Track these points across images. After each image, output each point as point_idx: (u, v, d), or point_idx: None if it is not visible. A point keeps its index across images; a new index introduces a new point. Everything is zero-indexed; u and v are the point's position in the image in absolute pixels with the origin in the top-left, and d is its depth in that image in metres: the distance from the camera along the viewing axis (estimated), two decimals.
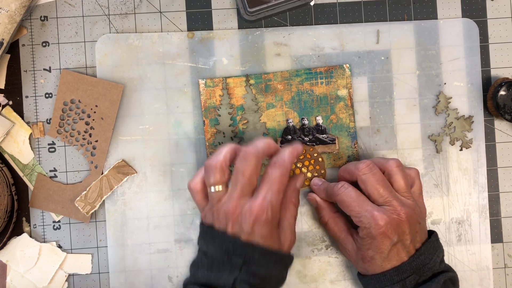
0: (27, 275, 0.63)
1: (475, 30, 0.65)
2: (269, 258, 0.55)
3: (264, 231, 0.54)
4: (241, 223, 0.54)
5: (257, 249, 0.54)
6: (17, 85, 0.64)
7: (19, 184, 0.64)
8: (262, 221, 0.54)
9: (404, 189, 0.59)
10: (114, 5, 0.64)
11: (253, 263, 0.54)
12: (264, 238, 0.54)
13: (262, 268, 0.54)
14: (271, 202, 0.54)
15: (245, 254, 0.54)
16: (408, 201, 0.58)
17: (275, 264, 0.55)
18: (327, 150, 0.64)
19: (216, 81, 0.64)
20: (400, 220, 0.56)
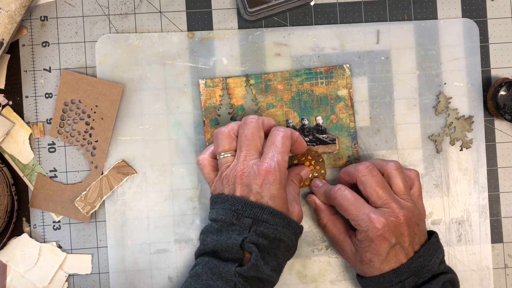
0: (27, 275, 0.63)
1: (475, 30, 0.65)
2: (278, 219, 0.55)
3: (273, 191, 0.55)
4: (249, 184, 0.55)
5: (266, 209, 0.55)
6: (17, 85, 0.64)
7: (19, 184, 0.64)
8: (270, 181, 0.55)
9: (403, 191, 0.59)
10: (114, 5, 0.64)
11: (262, 223, 0.54)
12: (273, 199, 0.55)
13: (271, 229, 0.54)
14: (278, 162, 0.55)
15: (254, 214, 0.54)
16: (407, 204, 0.58)
17: (284, 227, 0.55)
18: (327, 150, 0.64)
19: (216, 81, 0.64)
20: (399, 222, 0.56)
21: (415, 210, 0.58)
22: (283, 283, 0.64)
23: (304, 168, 0.63)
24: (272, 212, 0.55)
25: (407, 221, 0.57)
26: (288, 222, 0.56)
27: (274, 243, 0.55)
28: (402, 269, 0.57)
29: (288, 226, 0.56)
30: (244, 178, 0.56)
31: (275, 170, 0.55)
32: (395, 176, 0.59)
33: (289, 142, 0.57)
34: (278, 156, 0.56)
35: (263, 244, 0.55)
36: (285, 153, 0.56)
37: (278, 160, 0.56)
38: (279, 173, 0.55)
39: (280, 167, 0.56)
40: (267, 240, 0.55)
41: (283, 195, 0.56)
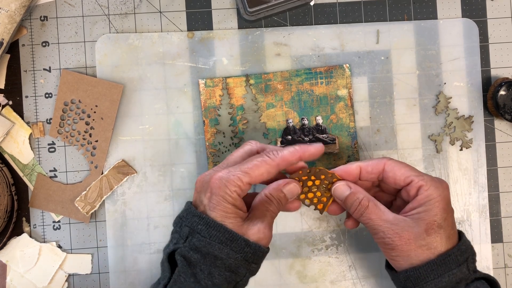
0: (27, 275, 0.63)
1: (475, 30, 0.65)
2: (216, 232, 0.50)
3: (214, 202, 0.51)
4: (200, 192, 0.53)
5: (203, 219, 0.50)
6: (17, 85, 0.64)
7: (19, 184, 0.64)
8: (215, 192, 0.51)
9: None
10: (114, 5, 0.64)
11: (196, 234, 0.50)
12: (220, 213, 0.50)
13: (203, 242, 0.50)
14: (230, 178, 0.51)
15: (192, 223, 0.51)
16: None
17: (223, 243, 0.50)
18: (327, 150, 0.64)
19: (216, 81, 0.64)
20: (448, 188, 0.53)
21: None
22: (283, 283, 0.64)
23: (290, 183, 0.54)
24: (209, 223, 0.50)
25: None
26: (230, 237, 0.50)
27: (207, 259, 0.50)
28: (462, 246, 0.52)
29: (229, 242, 0.50)
30: (199, 186, 0.53)
31: (223, 184, 0.51)
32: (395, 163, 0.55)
33: (265, 168, 0.52)
34: (237, 173, 0.51)
35: (194, 258, 0.50)
36: (248, 175, 0.51)
37: (233, 176, 0.51)
38: (225, 188, 0.50)
39: (230, 182, 0.51)
40: (198, 254, 0.50)
41: (228, 208, 0.51)
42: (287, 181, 0.54)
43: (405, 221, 0.52)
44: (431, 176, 0.54)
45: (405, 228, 0.52)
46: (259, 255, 0.52)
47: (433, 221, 0.51)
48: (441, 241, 0.51)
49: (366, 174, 0.56)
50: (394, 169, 0.54)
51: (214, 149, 0.64)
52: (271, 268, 0.64)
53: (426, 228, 0.51)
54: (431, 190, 0.52)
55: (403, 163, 0.54)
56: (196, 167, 0.64)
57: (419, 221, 0.52)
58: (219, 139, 0.64)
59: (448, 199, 0.53)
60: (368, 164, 0.55)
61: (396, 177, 0.54)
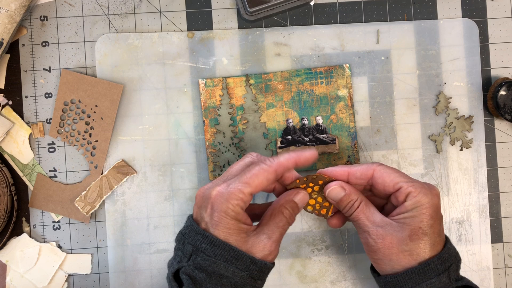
0: (27, 275, 0.63)
1: (475, 30, 0.65)
2: (220, 251, 0.49)
3: (216, 219, 0.49)
4: (201, 207, 0.51)
5: (207, 237, 0.49)
6: (17, 85, 0.64)
7: (19, 184, 0.64)
8: (216, 208, 0.50)
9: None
10: (114, 5, 0.64)
11: (200, 253, 0.49)
12: (217, 227, 0.49)
13: (208, 261, 0.49)
14: (231, 191, 0.50)
15: (195, 241, 0.50)
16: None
17: (228, 261, 0.49)
18: (327, 150, 0.64)
19: (216, 81, 0.64)
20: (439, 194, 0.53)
21: None
22: (283, 283, 0.64)
23: (299, 193, 0.54)
24: (213, 242, 0.49)
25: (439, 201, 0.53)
26: (235, 255, 0.49)
27: (212, 278, 0.49)
28: (444, 255, 0.51)
29: (235, 260, 0.49)
30: (199, 201, 0.52)
31: (224, 199, 0.49)
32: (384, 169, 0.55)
33: (264, 176, 0.51)
34: (237, 185, 0.50)
35: (199, 277, 0.49)
36: (249, 185, 0.50)
37: (233, 189, 0.50)
38: (227, 202, 0.49)
39: (231, 196, 0.49)
40: (203, 273, 0.49)
41: (231, 224, 0.50)
42: (296, 191, 0.54)
43: (391, 225, 0.52)
44: (421, 182, 0.53)
45: (389, 232, 0.52)
46: (265, 272, 0.51)
47: (418, 227, 0.51)
48: (424, 248, 0.51)
49: (354, 180, 0.55)
50: (383, 175, 0.53)
51: (214, 149, 0.64)
52: None
53: (410, 233, 0.51)
54: (419, 197, 0.51)
55: (393, 169, 0.54)
56: (196, 167, 0.64)
57: (404, 226, 0.52)
58: (219, 139, 0.64)
59: (437, 206, 0.52)
60: (356, 170, 0.55)
61: (385, 184, 0.53)
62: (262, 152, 0.64)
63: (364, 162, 0.58)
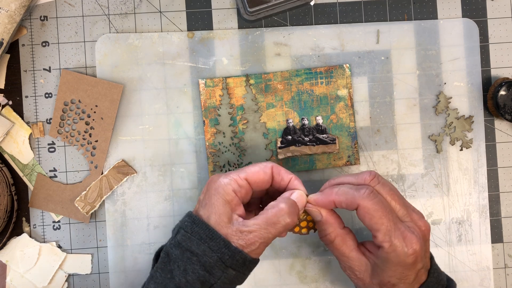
0: (27, 275, 0.63)
1: (475, 30, 0.65)
2: (198, 229, 0.49)
3: (211, 201, 0.50)
4: (201, 193, 0.53)
5: (191, 216, 0.51)
6: (17, 85, 0.64)
7: (19, 184, 0.64)
8: (212, 187, 0.51)
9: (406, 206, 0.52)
10: (114, 5, 0.64)
11: (181, 230, 0.50)
12: (208, 208, 0.50)
13: (185, 237, 0.49)
14: (227, 181, 0.51)
15: (182, 222, 0.52)
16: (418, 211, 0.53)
17: (202, 240, 0.49)
18: (327, 150, 0.64)
19: (216, 81, 0.64)
20: (425, 237, 0.50)
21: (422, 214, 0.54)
22: (283, 283, 0.64)
23: (294, 191, 0.53)
24: (194, 220, 0.50)
25: (429, 231, 0.51)
26: (210, 235, 0.49)
27: (184, 255, 0.49)
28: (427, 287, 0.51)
29: (208, 239, 0.49)
30: (204, 189, 0.53)
31: (218, 180, 0.51)
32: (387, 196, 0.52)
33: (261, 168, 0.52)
34: (233, 175, 0.51)
35: (174, 254, 0.49)
36: (244, 171, 0.52)
37: (229, 178, 0.51)
38: (219, 182, 0.51)
39: (226, 177, 0.51)
40: (178, 250, 0.49)
41: (217, 204, 0.50)
42: (291, 191, 0.53)
43: (365, 265, 0.52)
44: (403, 234, 0.49)
45: (362, 271, 0.52)
46: (239, 261, 0.49)
47: (387, 281, 0.50)
48: None
49: (341, 208, 0.53)
50: (364, 216, 0.50)
51: (214, 149, 0.64)
52: (271, 268, 0.64)
53: (379, 283, 0.51)
54: (391, 256, 0.49)
55: (377, 210, 0.50)
56: (196, 167, 0.64)
57: (374, 273, 0.51)
58: (219, 139, 0.64)
59: (411, 264, 0.49)
60: (341, 201, 0.51)
61: (364, 223, 0.51)
62: (262, 152, 0.64)
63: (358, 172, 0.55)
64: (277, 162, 0.64)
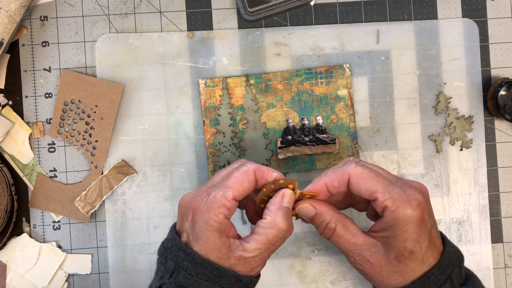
0: (27, 275, 0.63)
1: (475, 30, 0.65)
2: (202, 269, 0.46)
3: (198, 232, 0.47)
4: (183, 218, 0.48)
5: (189, 254, 0.47)
6: (17, 85, 0.64)
7: (19, 184, 0.64)
8: (197, 220, 0.47)
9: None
10: (114, 5, 0.64)
11: (182, 271, 0.47)
12: (198, 241, 0.47)
13: (190, 280, 0.46)
14: (212, 200, 0.47)
15: (177, 257, 0.47)
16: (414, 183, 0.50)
17: (211, 280, 0.46)
18: (327, 150, 0.64)
19: (216, 81, 0.64)
20: (424, 195, 0.48)
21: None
22: (283, 283, 0.64)
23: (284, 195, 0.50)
24: (195, 260, 0.46)
25: (428, 193, 0.49)
26: (218, 274, 0.46)
27: None
28: (445, 261, 0.48)
29: (218, 279, 0.46)
30: (181, 210, 0.49)
31: (205, 208, 0.46)
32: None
33: (245, 178, 0.48)
34: (218, 192, 0.47)
35: None
36: (230, 189, 0.47)
37: (214, 197, 0.47)
38: (209, 212, 0.46)
39: (214, 204, 0.46)
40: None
41: (213, 239, 0.46)
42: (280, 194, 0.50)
43: (376, 246, 0.49)
44: (401, 188, 0.48)
45: (375, 254, 0.49)
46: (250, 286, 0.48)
47: (403, 248, 0.47)
48: (414, 266, 0.48)
49: (335, 189, 0.50)
50: (358, 182, 0.48)
51: (214, 149, 0.64)
52: (271, 268, 0.64)
53: (396, 255, 0.48)
54: (398, 212, 0.46)
55: (369, 172, 0.48)
56: (196, 167, 0.64)
57: (388, 247, 0.48)
58: (219, 139, 0.64)
59: (420, 218, 0.47)
60: (332, 179, 0.49)
61: (360, 192, 0.48)
62: (262, 152, 0.64)
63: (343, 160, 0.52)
64: (277, 162, 0.64)
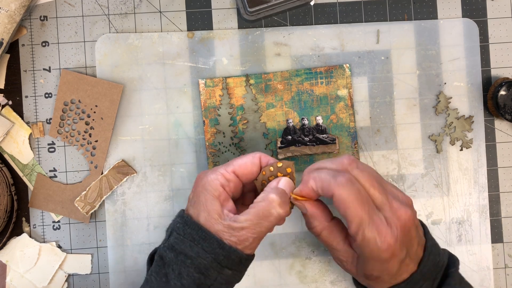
0: (27, 275, 0.63)
1: (475, 30, 0.65)
2: (190, 230, 0.48)
3: (200, 198, 0.49)
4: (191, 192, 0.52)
5: (183, 217, 0.50)
6: (17, 85, 0.64)
7: (19, 184, 0.64)
8: (196, 189, 0.50)
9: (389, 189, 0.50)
10: (114, 5, 0.64)
11: (174, 232, 0.49)
12: (197, 206, 0.49)
13: (178, 239, 0.48)
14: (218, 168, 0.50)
15: (174, 223, 0.51)
16: (403, 196, 0.50)
17: (195, 241, 0.48)
18: (327, 150, 0.64)
19: (216, 81, 0.64)
20: (406, 228, 0.47)
21: (410, 199, 0.51)
22: (283, 283, 0.64)
23: (281, 179, 0.51)
24: (186, 221, 0.49)
25: (413, 220, 0.48)
26: (202, 236, 0.47)
27: (178, 258, 0.48)
28: (416, 277, 0.49)
29: (201, 240, 0.47)
30: (193, 187, 0.52)
31: (205, 176, 0.50)
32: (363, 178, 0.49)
33: (248, 159, 0.51)
34: (220, 170, 0.50)
35: (168, 257, 0.48)
36: (231, 165, 0.51)
37: (216, 169, 0.51)
38: (206, 178, 0.50)
39: (211, 174, 0.50)
40: (172, 253, 0.48)
41: (205, 200, 0.49)
42: (277, 179, 0.52)
43: (352, 257, 0.51)
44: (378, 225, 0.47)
45: (349, 263, 0.52)
46: (235, 260, 0.48)
47: (369, 273, 0.49)
48: (382, 285, 0.50)
49: (320, 195, 0.50)
50: (339, 205, 0.48)
51: (214, 149, 0.64)
52: (271, 268, 0.64)
53: (365, 274, 0.50)
54: (365, 249, 0.47)
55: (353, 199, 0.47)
56: (196, 167, 0.64)
57: (358, 265, 0.51)
58: (219, 139, 0.64)
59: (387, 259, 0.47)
60: (318, 187, 0.49)
61: (339, 212, 0.48)
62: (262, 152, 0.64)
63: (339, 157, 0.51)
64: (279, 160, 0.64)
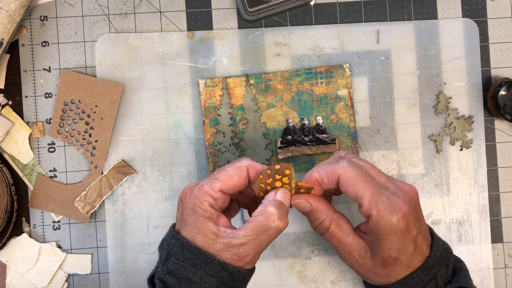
0: (27, 275, 0.63)
1: (475, 30, 0.65)
2: (189, 254, 0.47)
3: (186, 218, 0.48)
4: (178, 208, 0.50)
5: (179, 240, 0.48)
6: (16, 85, 0.64)
7: (19, 184, 0.64)
8: (185, 206, 0.49)
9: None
10: (114, 5, 0.64)
11: (172, 257, 0.48)
12: (190, 228, 0.48)
13: (177, 265, 0.47)
14: (205, 188, 0.48)
15: (169, 245, 0.49)
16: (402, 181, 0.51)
17: (196, 266, 0.47)
18: (327, 150, 0.64)
19: (216, 81, 0.64)
20: (413, 200, 0.48)
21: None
22: (283, 283, 0.64)
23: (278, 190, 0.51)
24: (183, 245, 0.47)
25: (418, 196, 0.48)
26: (203, 259, 0.47)
27: (182, 283, 0.47)
28: (430, 262, 0.49)
29: (203, 265, 0.47)
30: (178, 202, 0.51)
31: (192, 196, 0.48)
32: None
33: (236, 172, 0.49)
34: (206, 182, 0.49)
35: (170, 282, 0.47)
36: (218, 181, 0.49)
37: (201, 186, 0.48)
38: (195, 199, 0.48)
39: (200, 192, 0.48)
40: (174, 278, 0.47)
41: (198, 223, 0.48)
42: (274, 191, 0.51)
43: (365, 248, 0.50)
44: (389, 198, 0.47)
45: (363, 256, 0.50)
46: (239, 279, 0.48)
47: (387, 255, 0.48)
48: (400, 271, 0.49)
49: (325, 186, 0.51)
50: (347, 184, 0.48)
51: (214, 149, 0.64)
52: (271, 268, 0.64)
53: (381, 261, 0.49)
54: (382, 223, 0.47)
55: (359, 176, 0.48)
56: (196, 167, 0.64)
57: (374, 252, 0.49)
58: (219, 139, 0.64)
59: (404, 228, 0.47)
60: (322, 176, 0.50)
61: (348, 194, 0.49)
62: (262, 152, 0.64)
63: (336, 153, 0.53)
64: (277, 162, 0.64)
